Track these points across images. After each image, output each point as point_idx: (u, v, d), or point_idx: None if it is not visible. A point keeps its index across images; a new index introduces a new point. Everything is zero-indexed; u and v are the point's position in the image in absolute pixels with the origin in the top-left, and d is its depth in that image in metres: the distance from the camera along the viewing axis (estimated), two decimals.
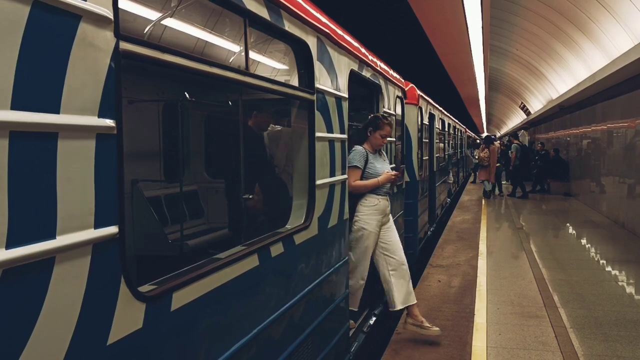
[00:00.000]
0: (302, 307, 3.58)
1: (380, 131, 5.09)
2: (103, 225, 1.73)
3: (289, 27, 3.30)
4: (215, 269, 2.46)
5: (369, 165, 5.01)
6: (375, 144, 5.13)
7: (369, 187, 5.00)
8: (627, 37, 10.13)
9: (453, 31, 13.92)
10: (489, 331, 5.51)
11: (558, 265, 8.39)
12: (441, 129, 14.60)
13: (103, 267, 1.74)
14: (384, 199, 5.14)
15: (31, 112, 1.48)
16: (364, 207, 5.02)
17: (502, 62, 20.43)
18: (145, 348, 1.97)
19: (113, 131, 1.77)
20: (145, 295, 1.96)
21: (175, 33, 4.90)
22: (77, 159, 1.63)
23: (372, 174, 5.01)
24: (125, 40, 1.85)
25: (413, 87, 9.21)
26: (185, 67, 2.24)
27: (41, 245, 1.50)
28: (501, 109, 38.54)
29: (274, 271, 3.16)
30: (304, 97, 3.61)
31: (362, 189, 4.99)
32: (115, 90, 1.79)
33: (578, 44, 13.12)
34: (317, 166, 3.78)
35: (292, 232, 3.42)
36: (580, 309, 6.20)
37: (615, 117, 12.76)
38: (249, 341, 2.78)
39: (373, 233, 5.03)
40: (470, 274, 7.89)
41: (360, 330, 5.25)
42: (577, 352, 4.94)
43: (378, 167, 5.06)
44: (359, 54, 5.01)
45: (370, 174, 5.01)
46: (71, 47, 1.61)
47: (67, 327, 1.60)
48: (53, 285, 1.55)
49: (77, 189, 1.64)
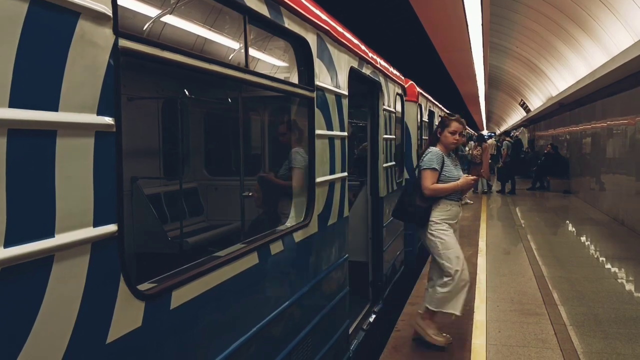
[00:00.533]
0: (302, 305, 3.57)
1: (448, 128, 4.87)
2: (102, 223, 1.73)
3: (289, 24, 3.29)
4: (215, 267, 2.46)
5: (445, 168, 4.80)
6: (447, 143, 4.88)
7: (448, 190, 4.77)
8: (627, 34, 10.11)
9: (453, 28, 13.88)
10: (488, 329, 5.50)
11: (558, 263, 8.38)
12: None
13: (102, 266, 1.74)
14: (457, 205, 4.91)
15: (29, 110, 1.47)
16: (439, 212, 4.78)
17: (502, 59, 20.42)
18: (145, 346, 1.97)
19: (112, 129, 1.77)
20: (144, 293, 1.95)
21: (174, 30, 4.89)
22: (76, 156, 1.63)
23: (448, 178, 4.79)
24: (125, 38, 1.84)
25: (413, 84, 9.19)
26: (184, 64, 2.23)
27: (40, 244, 1.50)
28: (501, 106, 38.53)
29: (274, 269, 3.15)
30: (304, 94, 3.61)
31: (441, 192, 4.76)
32: (114, 88, 1.78)
33: (578, 41, 13.11)
34: (317, 164, 3.78)
35: (292, 229, 3.41)
36: (580, 306, 6.20)
37: (615, 114, 12.75)
38: (249, 339, 2.78)
39: (451, 232, 4.82)
40: (470, 272, 7.87)
41: (360, 328, 5.26)
42: (576, 350, 4.94)
43: (454, 171, 4.87)
44: (359, 51, 5.00)
45: (446, 177, 4.78)
46: (70, 44, 1.60)
47: (66, 326, 1.60)
48: (52, 283, 1.54)
49: (75, 187, 1.63)
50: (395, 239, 6.96)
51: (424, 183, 4.74)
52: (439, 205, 4.80)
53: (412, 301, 6.54)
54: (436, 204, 4.80)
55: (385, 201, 6.20)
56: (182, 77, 5.82)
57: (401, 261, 7.65)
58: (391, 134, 6.64)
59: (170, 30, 4.88)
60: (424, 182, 4.74)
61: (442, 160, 4.81)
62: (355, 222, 5.84)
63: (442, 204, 4.80)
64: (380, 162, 5.94)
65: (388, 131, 6.41)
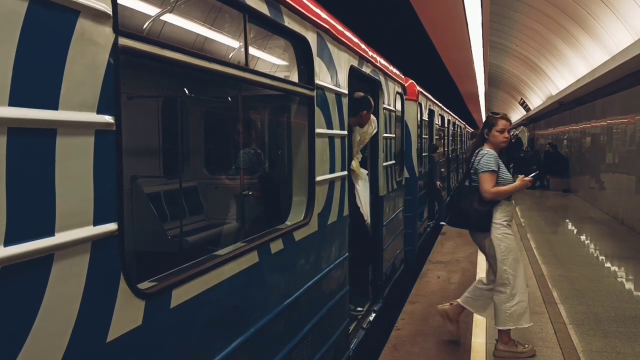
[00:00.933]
0: (302, 304, 3.57)
1: (496, 127, 4.71)
2: (102, 222, 1.72)
3: (289, 22, 3.28)
4: (215, 265, 2.46)
5: (500, 169, 4.68)
6: (497, 142, 4.72)
7: (508, 193, 4.66)
8: (627, 33, 10.11)
9: (453, 27, 13.87)
10: (488, 327, 5.50)
11: (557, 262, 8.39)
12: (441, 125, 14.58)
13: (102, 265, 1.73)
14: (511, 205, 4.80)
15: (29, 109, 1.47)
16: (501, 213, 4.64)
17: (502, 58, 20.41)
18: (145, 345, 1.97)
19: (112, 127, 1.76)
20: (144, 292, 1.95)
21: (174, 29, 4.88)
22: (75, 155, 1.62)
23: (505, 180, 4.67)
24: (124, 36, 1.83)
25: (413, 83, 9.19)
26: (184, 62, 2.23)
27: (40, 243, 1.49)
28: (501, 105, 38.51)
29: (274, 268, 3.15)
30: (304, 93, 3.60)
31: (502, 195, 4.63)
32: (114, 86, 1.78)
33: (578, 40, 13.10)
34: (317, 162, 3.77)
35: (292, 228, 3.41)
36: (580, 305, 6.20)
37: (615, 113, 12.74)
38: (249, 338, 2.78)
39: (512, 236, 4.72)
40: (470, 270, 7.89)
41: (360, 327, 5.25)
42: (576, 348, 4.94)
43: (507, 172, 4.78)
44: (359, 50, 5.00)
45: (502, 180, 4.66)
46: (70, 43, 1.60)
47: (66, 325, 1.60)
48: (52, 282, 1.54)
49: (75, 186, 1.63)
50: (395, 237, 6.96)
51: (484, 186, 4.56)
52: (500, 206, 4.65)
53: (412, 300, 6.54)
54: (498, 206, 4.65)
55: (385, 200, 6.19)
56: (182, 76, 5.81)
57: (401, 260, 7.65)
58: (391, 132, 6.63)
59: (170, 29, 4.87)
60: (483, 186, 4.56)
61: (498, 161, 4.66)
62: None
63: (503, 204, 4.67)
64: (380, 161, 5.94)
65: (388, 130, 6.41)
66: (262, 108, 6.88)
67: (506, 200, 4.71)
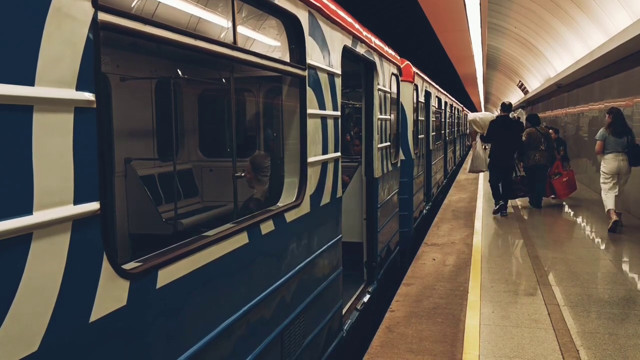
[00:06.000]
0: (294, 285, 3.56)
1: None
2: (83, 201, 1.70)
3: (279, 0, 3.22)
4: (203, 246, 2.43)
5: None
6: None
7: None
8: (625, 14, 10.01)
9: (451, 9, 13.75)
10: (482, 309, 5.52)
11: (553, 244, 8.40)
12: (437, 107, 14.51)
13: (84, 244, 1.71)
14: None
15: (3, 84, 1.43)
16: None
17: (500, 40, 20.26)
18: (130, 326, 1.95)
19: (92, 105, 1.73)
20: (129, 272, 1.93)
21: (163, 8, 4.81)
22: (54, 133, 1.59)
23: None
24: (104, 11, 1.79)
25: (409, 64, 9.12)
26: (168, 40, 2.18)
27: (17, 222, 1.47)
28: (499, 87, 38.36)
29: (265, 249, 3.14)
30: (295, 72, 3.56)
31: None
32: (94, 63, 1.74)
33: (576, 21, 12.98)
34: (308, 143, 3.74)
35: (283, 209, 3.39)
36: (574, 287, 6.22)
37: (613, 95, 12.67)
38: (238, 319, 2.77)
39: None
40: (465, 253, 7.89)
41: (354, 308, 5.26)
42: (569, 330, 4.96)
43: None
44: (353, 30, 4.93)
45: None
46: (46, 17, 1.56)
47: (46, 305, 1.58)
48: (30, 262, 1.51)
49: (54, 164, 1.59)
50: (390, 219, 6.95)
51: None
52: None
53: (407, 282, 6.55)
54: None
55: (380, 182, 6.17)
56: (175, 57, 5.74)
57: (396, 242, 7.65)
58: (386, 114, 6.58)
59: (160, 9, 4.79)
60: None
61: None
62: (350, 202, 5.81)
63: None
64: (374, 143, 5.90)
65: (383, 111, 6.36)
66: (255, 89, 6.82)
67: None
